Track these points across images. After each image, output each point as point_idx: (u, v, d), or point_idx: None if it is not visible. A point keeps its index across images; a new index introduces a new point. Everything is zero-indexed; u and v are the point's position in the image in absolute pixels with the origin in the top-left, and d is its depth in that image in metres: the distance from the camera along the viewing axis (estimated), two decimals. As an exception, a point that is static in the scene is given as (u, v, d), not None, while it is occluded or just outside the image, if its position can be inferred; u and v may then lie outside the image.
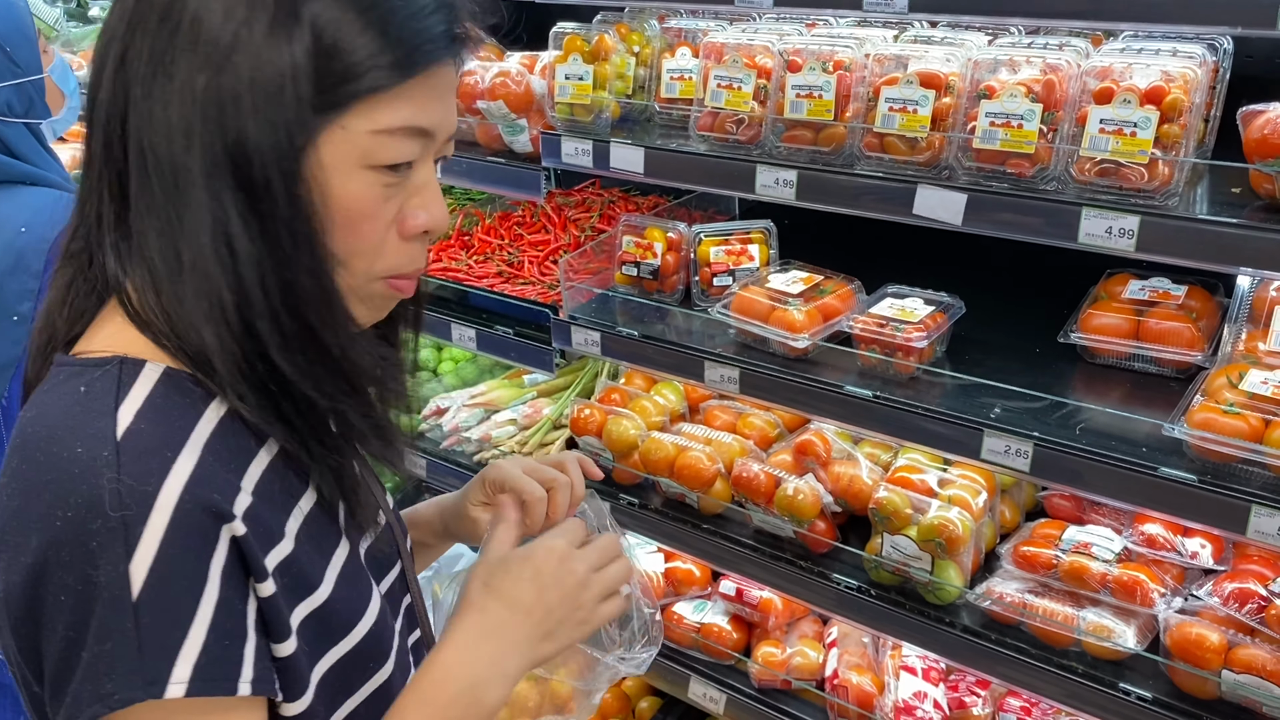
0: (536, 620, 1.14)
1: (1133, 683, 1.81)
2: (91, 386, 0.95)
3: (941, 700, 2.17)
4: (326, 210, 0.97)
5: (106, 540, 0.89)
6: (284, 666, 1.00)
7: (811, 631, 2.45)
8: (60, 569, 0.89)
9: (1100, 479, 1.70)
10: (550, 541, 1.19)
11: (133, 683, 0.89)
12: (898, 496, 2.03)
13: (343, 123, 0.96)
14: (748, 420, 2.45)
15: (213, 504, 0.93)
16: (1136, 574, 1.84)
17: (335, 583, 1.07)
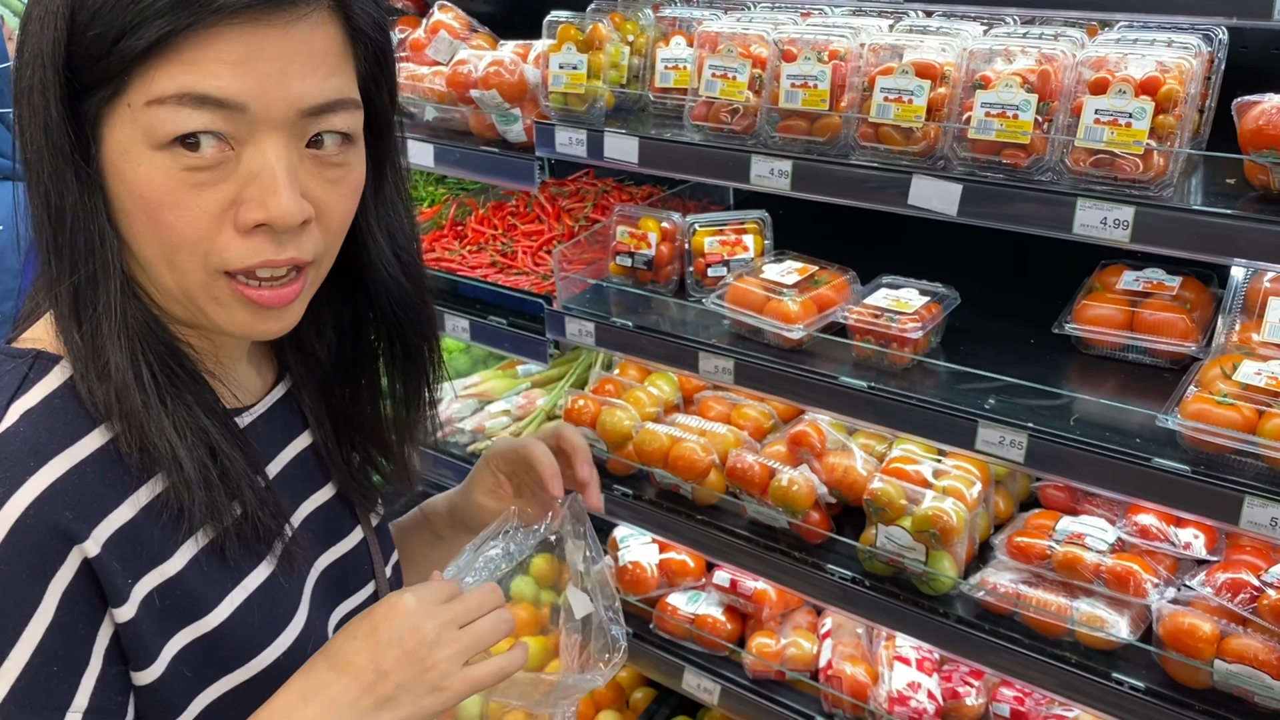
0: (367, 684, 0.98)
1: (1126, 673, 1.81)
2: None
3: (935, 690, 2.17)
4: (126, 198, 0.92)
5: None
6: (150, 694, 0.95)
7: (806, 622, 2.46)
8: None
9: (1094, 470, 1.70)
10: (397, 596, 1.03)
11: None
12: (892, 487, 2.03)
13: (127, 99, 0.89)
14: (742, 411, 2.44)
15: (61, 523, 0.88)
16: (1130, 564, 1.84)
17: (237, 609, 1.01)
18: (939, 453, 2.17)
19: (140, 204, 0.91)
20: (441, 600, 1.04)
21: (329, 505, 1.22)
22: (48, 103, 0.89)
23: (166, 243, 0.93)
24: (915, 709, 2.12)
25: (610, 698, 2.75)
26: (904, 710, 2.12)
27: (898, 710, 2.12)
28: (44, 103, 0.89)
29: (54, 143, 0.90)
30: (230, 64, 0.88)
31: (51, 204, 0.92)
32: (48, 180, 0.91)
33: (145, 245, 0.94)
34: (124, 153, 0.90)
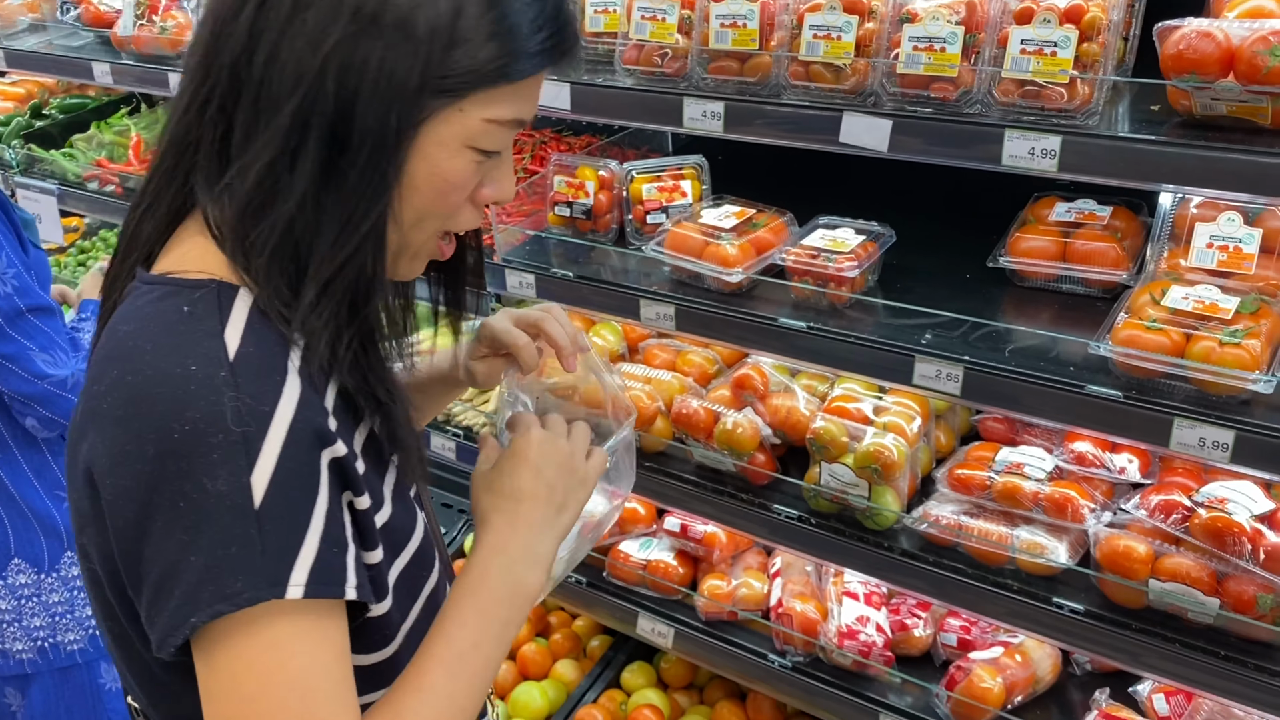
0: (544, 499, 1.20)
1: (1066, 597, 1.86)
2: (194, 307, 1.00)
3: (884, 623, 2.21)
4: (424, 179, 1.04)
5: (228, 453, 0.94)
6: (373, 574, 1.08)
7: (756, 563, 2.48)
8: (177, 478, 0.94)
9: (1029, 399, 1.73)
10: (523, 435, 1.24)
11: (257, 583, 0.94)
12: (834, 426, 2.05)
13: (460, 106, 1.03)
14: (686, 358, 2.45)
15: (317, 426, 1.00)
16: (1067, 491, 1.88)
17: (390, 499, 1.14)
18: (880, 390, 2.19)
19: (438, 184, 1.05)
20: (544, 425, 1.26)
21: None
22: (422, 82, 1.00)
23: (436, 213, 1.08)
24: (864, 642, 2.16)
25: (567, 646, 2.77)
26: (853, 644, 2.16)
27: (847, 644, 2.16)
28: (414, 82, 1.00)
29: (395, 122, 1.00)
30: (537, 96, 1.11)
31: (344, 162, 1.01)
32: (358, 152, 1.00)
33: (410, 212, 1.06)
34: (440, 144, 1.03)
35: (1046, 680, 2.13)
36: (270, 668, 0.95)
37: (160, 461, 0.94)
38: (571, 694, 2.62)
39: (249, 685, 0.95)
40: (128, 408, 0.96)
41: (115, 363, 1.00)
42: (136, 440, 0.95)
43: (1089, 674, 2.19)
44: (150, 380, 0.96)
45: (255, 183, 1.00)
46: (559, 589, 2.59)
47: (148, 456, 0.94)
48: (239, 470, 0.94)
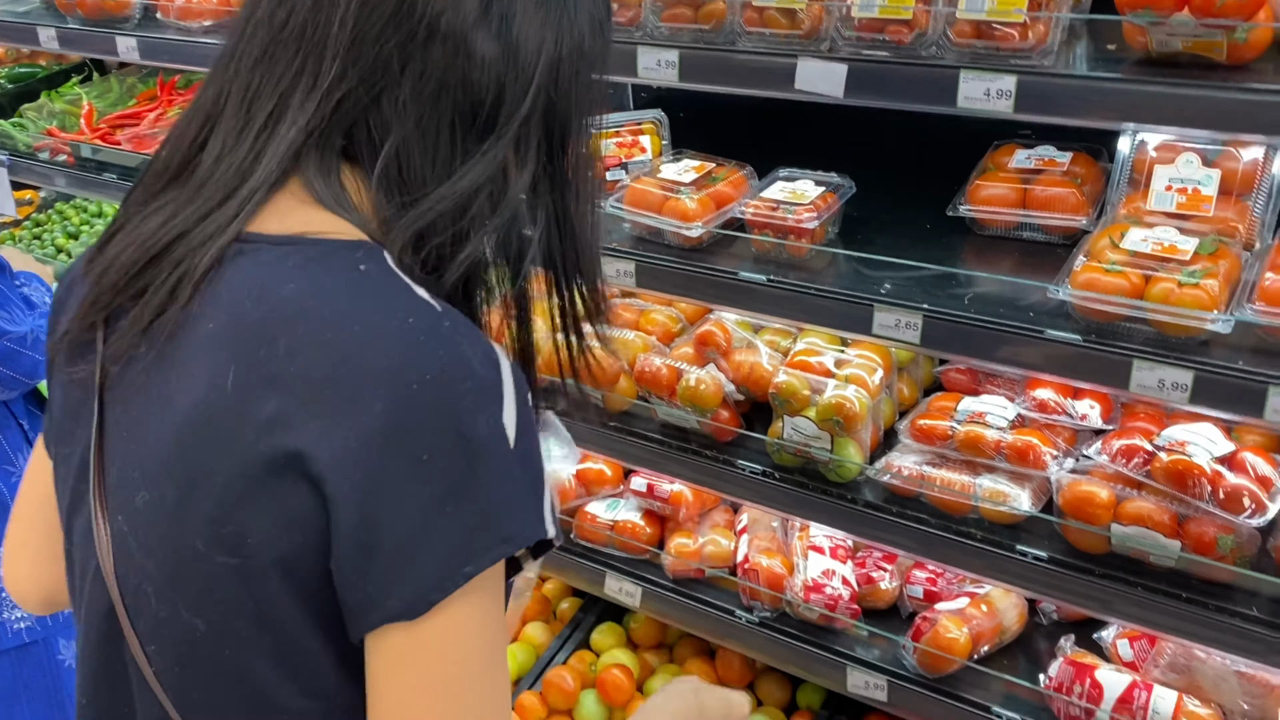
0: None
1: (1029, 544, 1.85)
2: (368, 264, 0.96)
3: (850, 576, 2.21)
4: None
5: (482, 398, 0.92)
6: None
7: (723, 521, 2.47)
8: (421, 431, 0.89)
9: (989, 345, 1.71)
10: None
11: (529, 521, 0.93)
12: (796, 379, 2.04)
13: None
14: (649, 317, 2.42)
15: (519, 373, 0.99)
16: (1029, 438, 1.87)
17: None
18: (842, 343, 2.18)
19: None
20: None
21: None
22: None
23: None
24: (830, 595, 2.15)
25: (536, 610, 2.76)
26: (819, 597, 2.15)
27: (813, 598, 2.15)
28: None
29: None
30: None
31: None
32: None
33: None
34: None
35: (1013, 630, 2.13)
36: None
37: (395, 415, 0.89)
38: (541, 656, 2.61)
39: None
40: (339, 366, 0.90)
41: (294, 322, 0.92)
42: (360, 398, 0.89)
43: (1055, 623, 2.19)
44: (364, 337, 0.91)
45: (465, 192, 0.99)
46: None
47: (377, 413, 0.88)
48: (495, 414, 0.92)
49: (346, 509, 0.90)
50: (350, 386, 0.90)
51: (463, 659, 0.92)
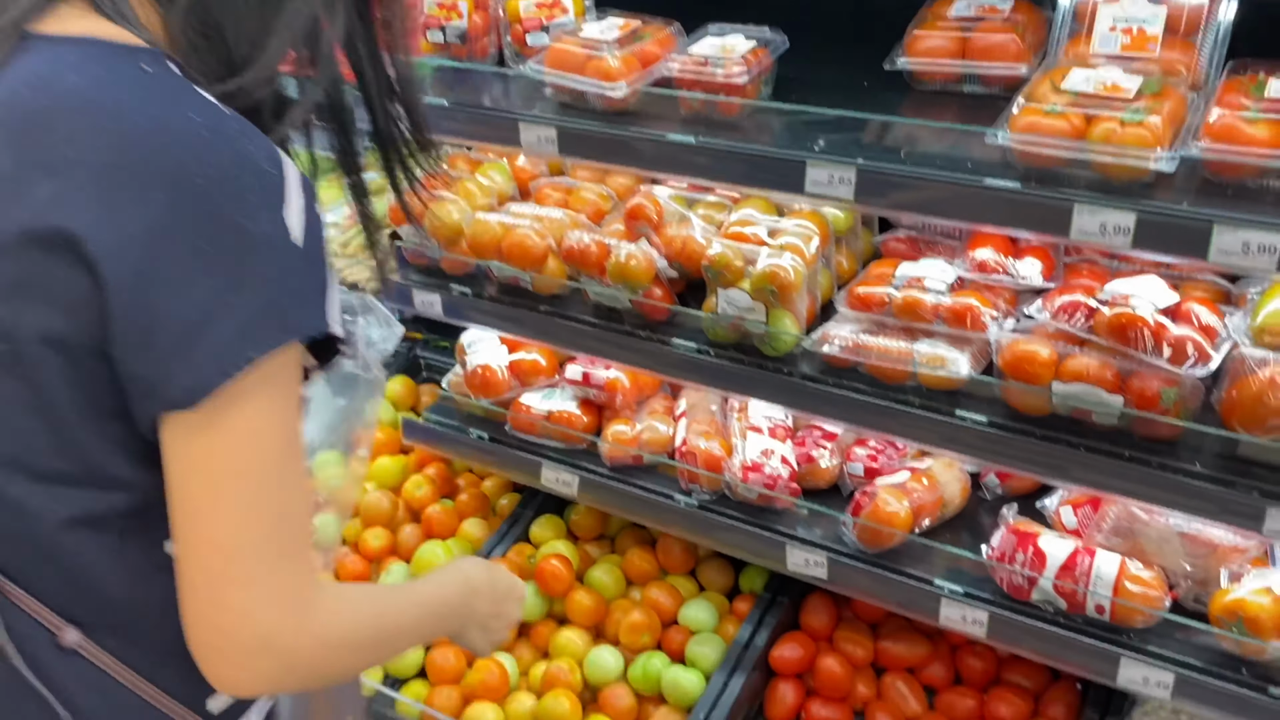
0: (505, 617, 1.44)
1: (969, 409, 1.79)
2: (153, 68, 0.96)
3: (789, 456, 2.14)
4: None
5: (265, 195, 0.94)
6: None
7: (661, 407, 2.40)
8: (205, 221, 0.91)
9: (925, 196, 1.63)
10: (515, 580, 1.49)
11: (312, 315, 0.96)
12: (730, 250, 1.94)
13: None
14: (579, 195, 2.31)
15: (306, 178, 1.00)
16: (968, 300, 1.80)
17: None
18: (778, 213, 2.09)
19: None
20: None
21: None
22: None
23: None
24: (769, 475, 2.09)
25: (475, 506, 2.68)
26: (758, 477, 2.09)
27: (752, 478, 2.09)
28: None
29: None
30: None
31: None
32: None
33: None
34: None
35: (955, 504, 2.09)
36: (265, 408, 0.95)
37: (177, 207, 0.91)
38: (479, 550, 2.54)
39: (241, 423, 0.94)
40: (121, 155, 0.91)
41: (77, 114, 0.93)
42: (140, 187, 0.91)
43: (999, 497, 2.15)
44: (148, 129, 0.92)
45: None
46: (460, 447, 2.49)
47: (159, 203, 0.90)
48: (278, 211, 0.94)
49: (124, 295, 0.91)
50: (132, 176, 0.91)
51: (254, 453, 0.95)
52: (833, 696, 2.19)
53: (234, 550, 0.95)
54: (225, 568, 0.95)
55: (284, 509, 0.98)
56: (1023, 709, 2.10)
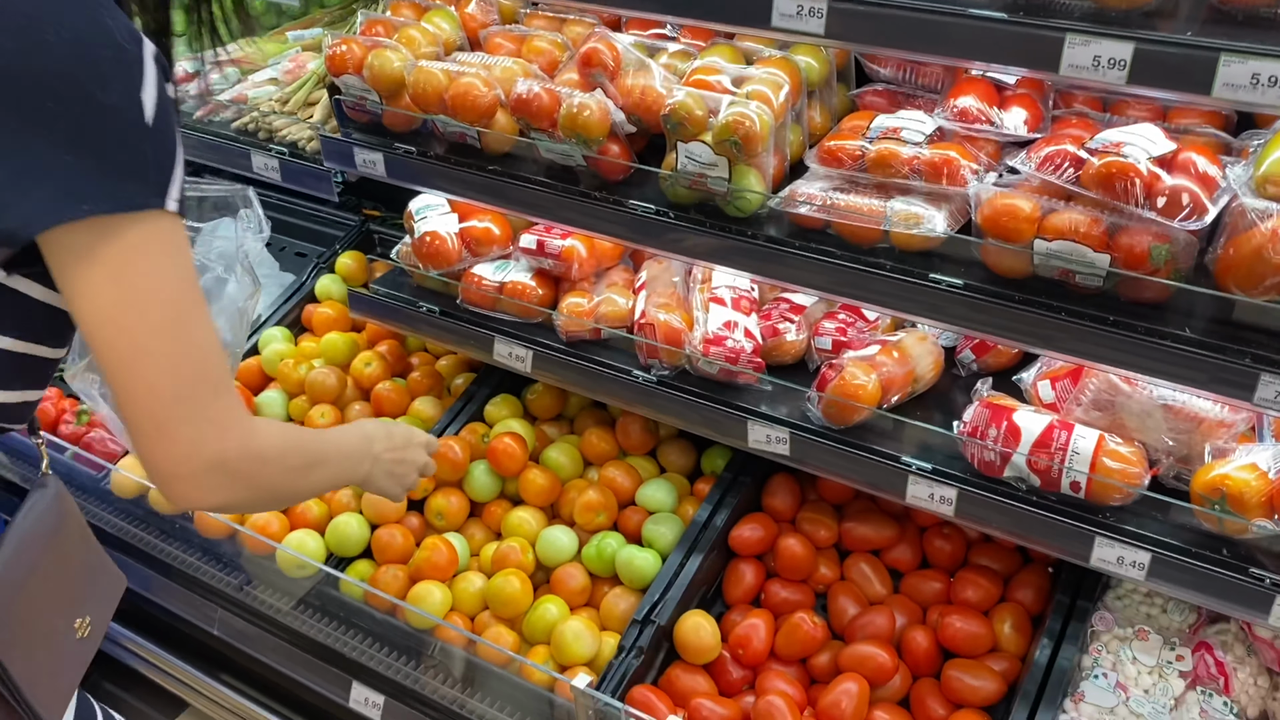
0: (387, 466, 1.58)
1: (944, 271, 1.66)
2: None
3: (753, 329, 2.02)
4: None
5: (119, 69, 1.01)
6: None
7: (621, 280, 2.26)
8: (48, 79, 0.98)
9: (899, 30, 1.46)
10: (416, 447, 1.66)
11: (148, 192, 1.04)
12: (691, 99, 1.78)
13: None
14: (532, 44, 2.13)
15: (163, 60, 1.08)
16: (947, 153, 1.65)
17: None
18: (746, 61, 1.92)
19: None
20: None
21: None
22: None
23: None
24: (732, 349, 1.96)
25: (428, 385, 2.56)
26: (720, 350, 1.96)
27: (713, 351, 1.96)
28: None
29: None
30: None
31: None
32: None
33: None
34: None
35: (927, 379, 1.97)
36: (157, 268, 1.06)
37: (23, 58, 0.97)
38: (431, 429, 2.42)
39: (140, 282, 1.05)
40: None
41: None
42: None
43: (974, 374, 2.04)
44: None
45: None
46: (409, 321, 2.36)
47: (7, 51, 0.97)
48: (132, 87, 1.02)
49: None
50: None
51: (163, 306, 1.07)
52: (794, 578, 2.11)
53: (173, 394, 1.09)
54: (170, 409, 1.09)
55: (204, 350, 1.11)
56: (991, 592, 2.02)
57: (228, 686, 2.41)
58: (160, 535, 2.49)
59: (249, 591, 2.33)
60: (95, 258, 1.03)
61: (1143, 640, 1.84)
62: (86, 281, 1.04)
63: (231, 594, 2.34)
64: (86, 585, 1.41)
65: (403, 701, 2.10)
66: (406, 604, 2.05)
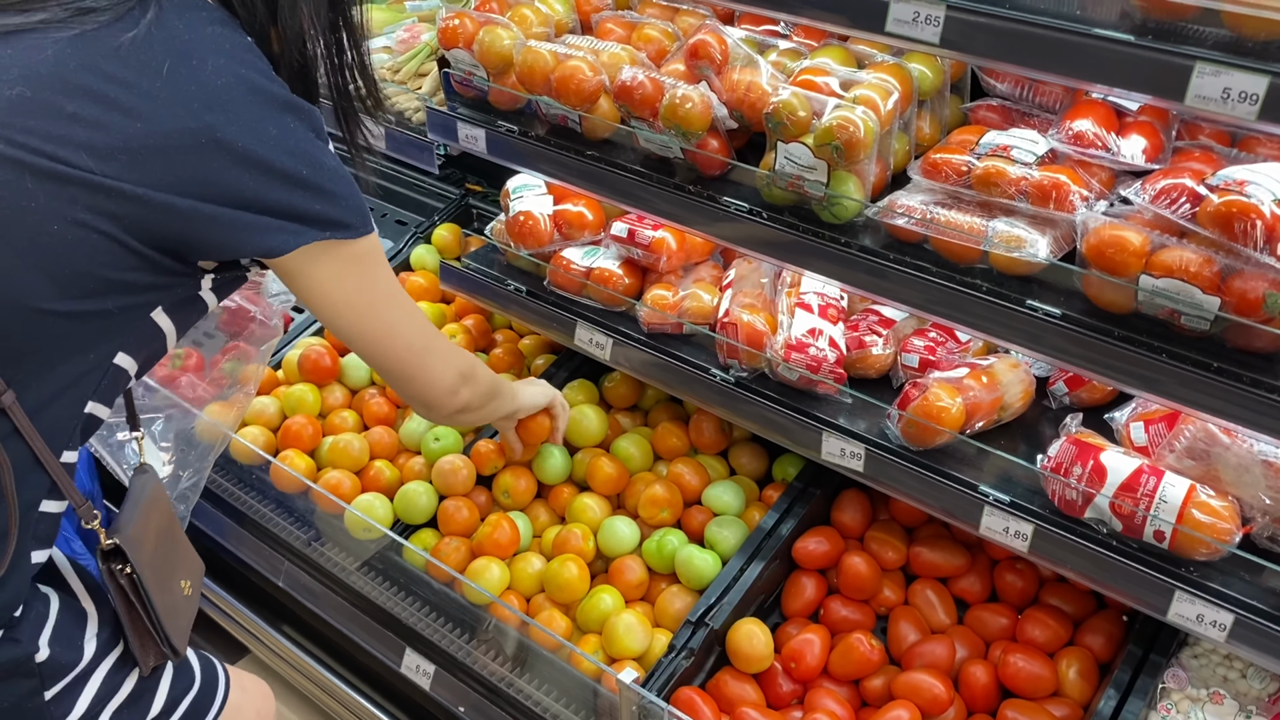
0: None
1: (1043, 299, 1.59)
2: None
3: (838, 338, 1.97)
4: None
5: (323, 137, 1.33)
6: None
7: (709, 276, 2.23)
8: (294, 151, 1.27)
9: (1021, 46, 1.40)
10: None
11: (367, 220, 1.38)
12: (796, 98, 1.74)
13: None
14: (642, 31, 2.11)
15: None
16: (1057, 176, 1.58)
17: None
18: (858, 66, 1.87)
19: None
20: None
21: None
22: None
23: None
24: (815, 357, 1.92)
25: (508, 362, 2.57)
26: (802, 358, 1.92)
27: (795, 358, 1.92)
28: None
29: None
30: None
31: None
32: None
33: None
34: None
35: (1015, 407, 1.90)
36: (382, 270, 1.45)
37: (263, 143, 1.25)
38: (504, 408, 2.42)
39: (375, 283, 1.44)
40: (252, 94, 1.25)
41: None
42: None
43: (1065, 406, 1.96)
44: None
45: None
46: (495, 298, 2.37)
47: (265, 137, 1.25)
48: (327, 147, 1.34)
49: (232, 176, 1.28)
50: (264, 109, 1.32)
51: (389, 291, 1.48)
52: (856, 597, 2.06)
53: (421, 346, 1.55)
54: (421, 358, 1.56)
55: (420, 314, 1.55)
56: (1059, 633, 1.94)
57: (287, 638, 2.46)
58: (238, 483, 2.55)
59: (316, 548, 2.37)
60: (342, 269, 1.35)
61: (1217, 704, 1.75)
62: (337, 287, 1.37)
63: (300, 549, 2.38)
64: (183, 556, 1.56)
65: (452, 673, 2.12)
66: (464, 578, 2.06)
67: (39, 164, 1.14)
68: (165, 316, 1.33)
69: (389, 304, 1.46)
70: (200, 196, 1.20)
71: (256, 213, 1.25)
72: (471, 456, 2.31)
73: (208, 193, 1.21)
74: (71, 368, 1.23)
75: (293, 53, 1.32)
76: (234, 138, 1.20)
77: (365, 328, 1.45)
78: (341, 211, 1.32)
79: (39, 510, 1.26)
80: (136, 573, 1.32)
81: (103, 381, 1.27)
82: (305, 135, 1.28)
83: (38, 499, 1.25)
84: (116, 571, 1.32)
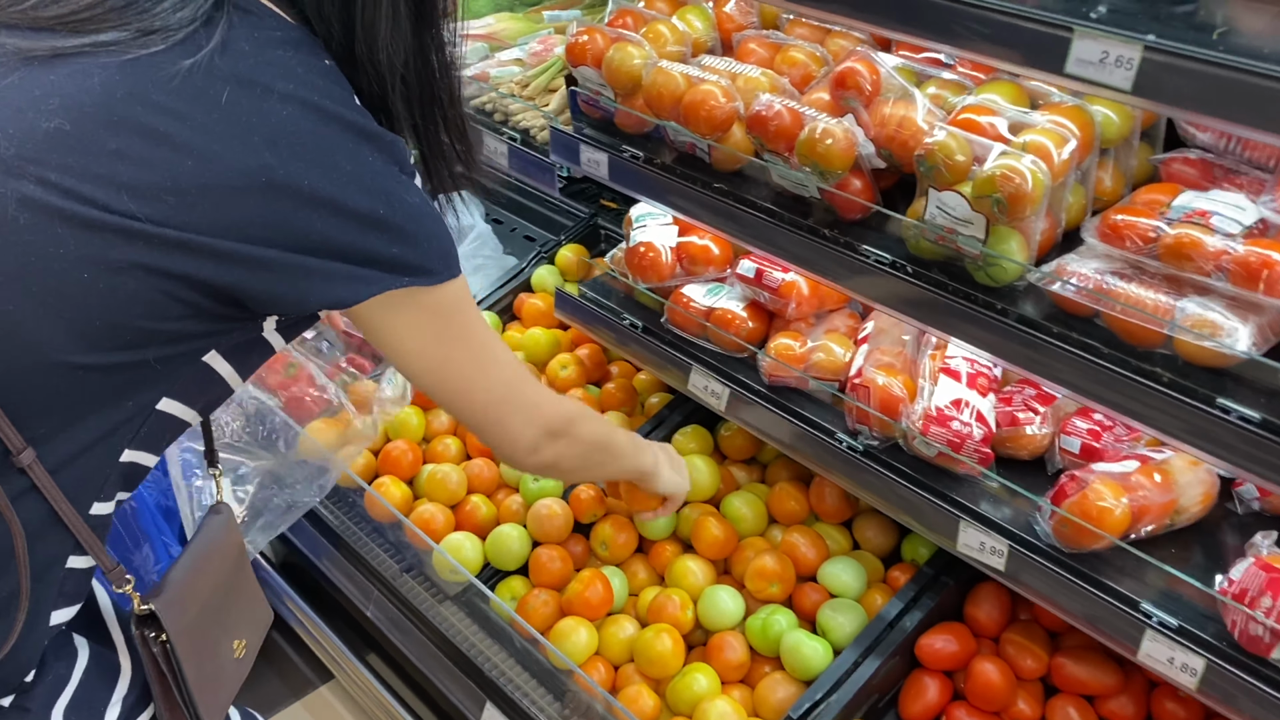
0: (674, 483, 1.90)
1: (1237, 399, 1.32)
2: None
3: (987, 412, 1.72)
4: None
5: (412, 176, 1.19)
6: None
7: (843, 327, 2.01)
8: (384, 197, 1.14)
9: (1229, 97, 1.15)
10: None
11: (455, 265, 1.23)
12: (954, 140, 1.51)
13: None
14: (787, 54, 1.91)
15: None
16: (1269, 253, 1.31)
17: None
18: (1032, 105, 1.62)
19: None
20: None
21: None
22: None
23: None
24: (957, 431, 1.68)
25: (620, 399, 2.40)
26: (942, 432, 1.69)
27: (934, 431, 1.69)
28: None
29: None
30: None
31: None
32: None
33: None
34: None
35: (1192, 512, 1.62)
36: (468, 317, 1.30)
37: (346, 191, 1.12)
38: (612, 451, 2.25)
39: (460, 331, 1.29)
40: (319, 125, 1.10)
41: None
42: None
43: (1255, 514, 1.67)
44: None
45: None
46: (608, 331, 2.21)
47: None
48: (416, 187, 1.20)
49: (304, 221, 1.14)
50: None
51: (478, 334, 1.32)
52: (985, 707, 1.80)
53: (501, 398, 1.37)
54: (501, 409, 1.38)
55: (510, 362, 1.38)
56: (1227, 781, 1.65)
57: (371, 669, 2.36)
58: (337, 504, 2.47)
59: (406, 580, 2.26)
60: (421, 319, 1.22)
61: None
62: (413, 337, 1.23)
63: (390, 579, 2.28)
64: (245, 610, 1.44)
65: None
66: (548, 642, 1.90)
67: (70, 208, 1.01)
68: (222, 360, 1.20)
69: (469, 356, 1.31)
70: (258, 241, 1.06)
71: (324, 258, 1.10)
72: (570, 502, 2.15)
73: (267, 236, 1.06)
74: (102, 420, 1.11)
75: (370, 78, 1.17)
76: (298, 175, 1.06)
77: (439, 378, 1.31)
78: (422, 255, 1.16)
79: (65, 567, 1.15)
80: (170, 642, 1.20)
81: (142, 429, 1.15)
82: (384, 168, 1.12)
83: (62, 555, 1.14)
84: (150, 639, 1.20)
